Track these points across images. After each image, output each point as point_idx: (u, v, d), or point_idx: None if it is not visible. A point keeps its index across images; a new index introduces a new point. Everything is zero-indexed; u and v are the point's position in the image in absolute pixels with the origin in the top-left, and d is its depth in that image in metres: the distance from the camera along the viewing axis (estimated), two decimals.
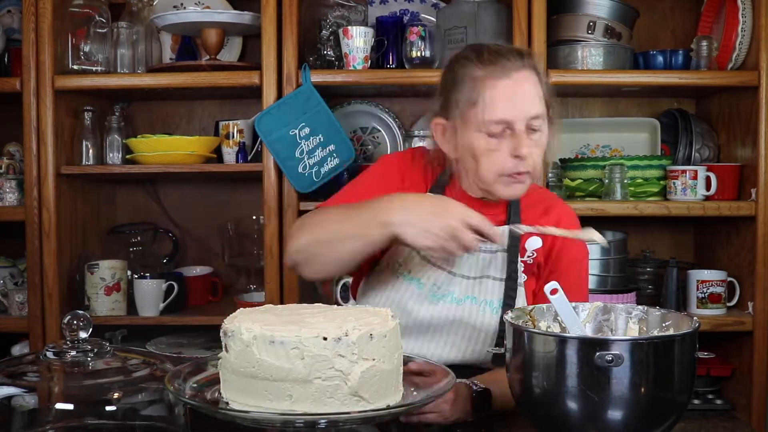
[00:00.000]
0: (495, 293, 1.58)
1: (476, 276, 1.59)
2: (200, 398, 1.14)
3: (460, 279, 1.58)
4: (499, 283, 1.59)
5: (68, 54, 2.42)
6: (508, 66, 1.50)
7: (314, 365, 1.05)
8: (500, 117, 1.48)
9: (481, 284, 1.59)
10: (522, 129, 1.49)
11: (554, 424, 1.17)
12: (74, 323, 1.22)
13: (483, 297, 1.58)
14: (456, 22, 2.39)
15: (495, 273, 1.59)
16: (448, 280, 1.59)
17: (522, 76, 1.51)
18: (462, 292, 1.58)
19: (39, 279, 2.38)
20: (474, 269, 1.59)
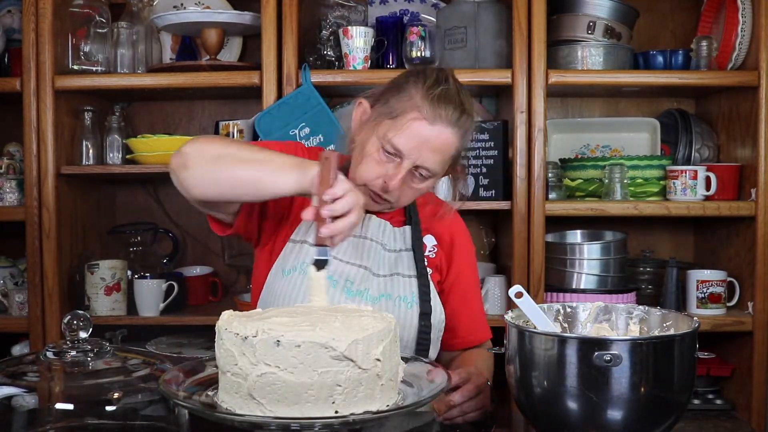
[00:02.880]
0: (407, 289, 1.61)
1: (387, 274, 1.62)
2: (194, 400, 1.14)
3: (374, 277, 1.60)
4: (409, 279, 1.62)
5: (68, 54, 2.42)
6: (441, 116, 1.50)
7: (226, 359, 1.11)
8: (398, 146, 1.50)
9: (393, 281, 1.61)
10: (407, 167, 1.52)
11: (554, 424, 1.17)
12: (74, 323, 1.22)
13: (397, 293, 1.61)
14: (456, 22, 2.39)
15: (404, 270, 1.63)
16: (361, 276, 1.60)
17: (445, 133, 1.51)
18: (377, 290, 1.60)
19: (39, 279, 2.38)
20: (384, 267, 1.62)
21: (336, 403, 1.06)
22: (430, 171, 1.54)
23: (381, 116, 1.54)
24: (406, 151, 1.50)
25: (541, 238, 2.33)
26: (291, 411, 1.06)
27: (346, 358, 1.05)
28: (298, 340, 1.06)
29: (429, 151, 1.51)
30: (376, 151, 1.53)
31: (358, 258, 1.61)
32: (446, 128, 1.51)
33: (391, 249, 1.64)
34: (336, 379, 1.06)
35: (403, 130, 1.50)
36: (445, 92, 1.52)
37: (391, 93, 1.56)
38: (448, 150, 1.53)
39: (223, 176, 1.39)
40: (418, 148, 1.50)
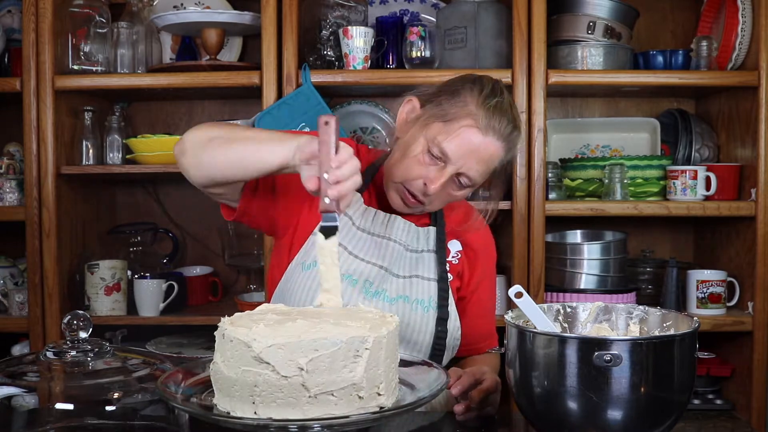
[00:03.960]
0: (425, 292, 1.60)
1: (407, 275, 1.60)
2: (192, 402, 1.14)
3: (393, 277, 1.60)
4: (428, 283, 1.61)
5: (68, 54, 2.42)
6: (495, 127, 1.50)
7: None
8: (446, 150, 1.50)
9: (412, 284, 1.60)
10: (451, 172, 1.52)
11: (554, 423, 1.17)
12: (74, 323, 1.22)
13: (414, 296, 1.59)
14: (456, 22, 2.39)
15: (424, 273, 1.62)
16: (380, 276, 1.59)
17: (494, 144, 1.51)
18: (395, 291, 1.58)
19: (39, 279, 2.38)
20: (404, 269, 1.61)
21: (255, 403, 1.06)
22: (471, 180, 1.54)
23: (432, 118, 1.53)
24: (454, 157, 1.50)
25: (541, 238, 2.33)
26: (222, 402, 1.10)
27: (262, 360, 1.04)
28: (233, 335, 1.07)
29: (475, 161, 1.51)
30: (421, 151, 1.52)
31: (378, 258, 1.59)
32: (497, 140, 1.51)
33: (413, 249, 1.62)
34: (255, 379, 1.05)
35: (455, 135, 1.50)
36: (500, 104, 1.52)
37: (444, 96, 1.55)
38: (493, 162, 1.54)
39: (214, 158, 1.41)
40: (466, 156, 1.50)
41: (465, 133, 1.49)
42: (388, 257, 1.60)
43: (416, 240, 1.63)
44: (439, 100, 1.55)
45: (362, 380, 1.07)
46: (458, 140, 1.49)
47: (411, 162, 1.53)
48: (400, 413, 1.12)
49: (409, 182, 1.54)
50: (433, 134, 1.51)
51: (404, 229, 1.62)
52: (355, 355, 1.06)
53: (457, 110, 1.51)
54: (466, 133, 1.49)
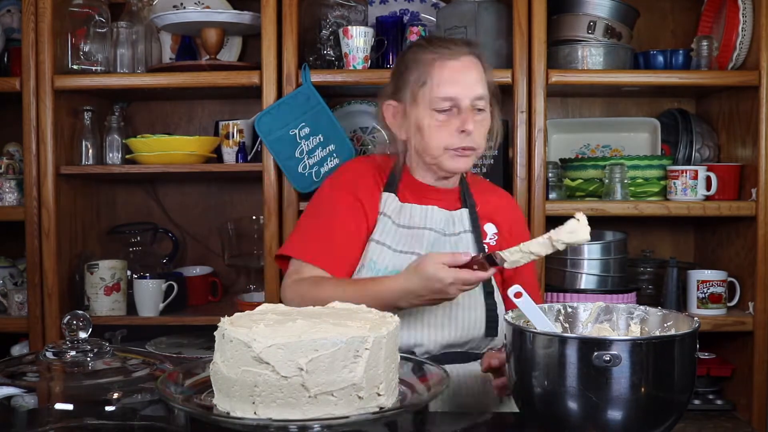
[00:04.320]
0: None
1: None
2: (192, 402, 1.13)
3: None
4: None
5: (68, 54, 2.42)
6: (455, 50, 1.63)
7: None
8: (447, 94, 1.61)
9: None
10: (467, 106, 1.62)
11: (554, 423, 1.17)
12: (74, 323, 1.22)
13: None
14: (456, 22, 2.38)
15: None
16: None
17: (468, 60, 1.64)
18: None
19: (39, 279, 2.38)
20: (444, 251, 1.65)
21: (255, 403, 1.06)
22: (482, 97, 1.63)
23: (413, 93, 1.64)
24: (456, 92, 1.61)
25: None
26: (222, 402, 1.10)
27: (262, 360, 1.05)
28: (233, 335, 1.07)
29: (469, 81, 1.62)
30: (430, 118, 1.62)
31: (417, 247, 1.65)
32: (466, 56, 1.63)
33: (450, 233, 1.69)
34: (255, 380, 1.05)
35: (440, 81, 1.61)
36: (440, 39, 1.67)
37: (402, 75, 1.67)
38: (480, 72, 1.64)
39: None
40: (462, 82, 1.61)
41: (444, 70, 1.62)
42: (425, 244, 1.66)
43: (452, 224, 1.70)
44: (404, 79, 1.66)
45: (362, 380, 1.07)
46: (444, 80, 1.61)
47: (433, 131, 1.63)
48: (400, 413, 1.12)
49: (449, 143, 1.62)
50: (428, 98, 1.62)
51: (440, 217, 1.69)
52: (355, 355, 1.06)
53: (422, 69, 1.63)
54: (444, 69, 1.62)
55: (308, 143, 2.32)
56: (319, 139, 2.33)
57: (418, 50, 1.66)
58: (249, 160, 2.49)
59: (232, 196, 2.78)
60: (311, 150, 2.33)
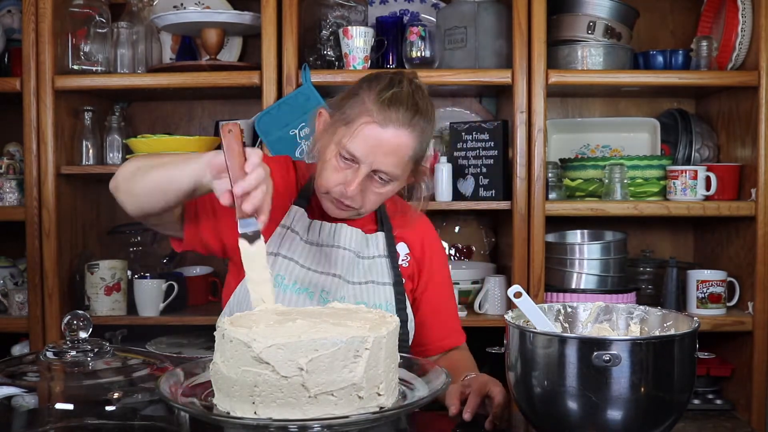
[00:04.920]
0: (382, 297, 1.62)
1: (362, 281, 1.62)
2: (192, 402, 1.14)
3: (348, 284, 1.60)
4: (384, 287, 1.63)
5: (68, 54, 2.42)
6: (393, 118, 1.50)
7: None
8: (352, 151, 1.51)
9: (369, 290, 1.62)
10: (364, 171, 1.52)
11: (554, 423, 1.17)
12: (74, 323, 1.22)
13: (372, 302, 1.60)
14: (456, 22, 2.39)
15: (378, 278, 1.63)
16: (335, 284, 1.60)
17: (399, 134, 1.50)
18: (352, 298, 1.59)
19: (39, 279, 2.38)
20: (358, 275, 1.62)
21: (255, 403, 1.06)
22: (388, 174, 1.53)
23: (337, 123, 1.55)
24: (361, 155, 1.51)
25: (541, 238, 2.32)
26: (222, 402, 1.10)
27: (262, 360, 1.04)
28: (233, 335, 1.07)
29: (383, 155, 1.51)
30: (334, 157, 1.53)
31: (331, 267, 1.60)
32: (398, 130, 1.50)
33: (364, 256, 1.63)
34: (255, 380, 1.05)
35: (356, 135, 1.50)
36: (396, 95, 1.51)
37: (346, 100, 1.57)
38: (404, 152, 1.52)
39: (139, 187, 1.44)
40: (372, 152, 1.50)
41: (365, 130, 1.50)
42: (339, 265, 1.61)
43: (366, 246, 1.64)
44: (342, 105, 1.57)
45: (362, 380, 1.07)
46: (360, 138, 1.50)
47: (328, 170, 1.54)
48: (400, 413, 1.12)
49: (332, 189, 1.55)
50: (339, 138, 1.52)
51: (352, 236, 1.63)
52: (355, 355, 1.06)
53: (356, 110, 1.52)
54: (366, 129, 1.50)
55: (308, 143, 2.32)
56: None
57: (371, 91, 1.53)
58: None
59: None
60: None
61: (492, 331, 2.20)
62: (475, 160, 2.41)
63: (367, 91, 1.53)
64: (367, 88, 1.54)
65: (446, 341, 1.73)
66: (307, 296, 1.57)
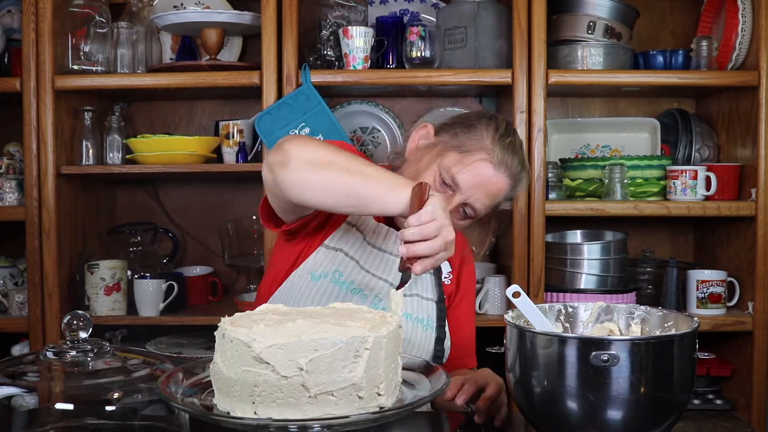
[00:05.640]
0: (424, 311, 1.62)
1: (409, 293, 1.62)
2: (192, 402, 1.14)
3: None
4: (427, 302, 1.63)
5: (68, 54, 2.42)
6: (507, 164, 1.55)
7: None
8: (458, 180, 1.54)
9: (414, 302, 1.62)
10: (459, 201, 1.55)
11: (553, 423, 1.17)
12: (74, 323, 1.21)
13: (416, 314, 1.61)
14: (456, 22, 2.39)
15: (423, 293, 1.64)
16: (387, 291, 1.59)
17: (504, 181, 1.56)
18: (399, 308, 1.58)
19: (39, 279, 2.38)
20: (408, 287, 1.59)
21: (255, 403, 1.06)
22: (475, 211, 1.57)
23: (448, 147, 1.57)
24: (465, 187, 1.54)
25: (541, 238, 2.33)
26: (222, 402, 1.10)
27: (262, 360, 1.04)
28: (233, 335, 1.07)
29: (484, 194, 1.55)
30: (431, 178, 1.56)
31: (386, 273, 1.60)
32: (507, 177, 1.56)
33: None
34: (255, 380, 1.05)
35: (469, 167, 1.54)
36: (512, 144, 1.58)
37: (460, 128, 1.59)
38: (499, 197, 1.58)
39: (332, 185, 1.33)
40: (477, 187, 1.54)
41: (479, 166, 1.54)
42: (394, 273, 1.61)
43: None
44: (455, 131, 1.59)
45: (362, 380, 1.07)
46: (472, 172, 1.54)
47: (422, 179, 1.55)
48: (400, 413, 1.12)
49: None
50: (448, 163, 1.55)
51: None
52: (355, 355, 1.06)
53: (473, 143, 1.55)
54: (480, 166, 1.54)
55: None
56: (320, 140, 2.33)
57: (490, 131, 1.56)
58: (249, 160, 2.49)
59: (232, 196, 2.78)
60: None
61: (492, 331, 2.19)
62: None
63: (487, 128, 1.57)
64: (486, 126, 1.58)
65: (460, 361, 1.73)
66: (360, 297, 1.57)
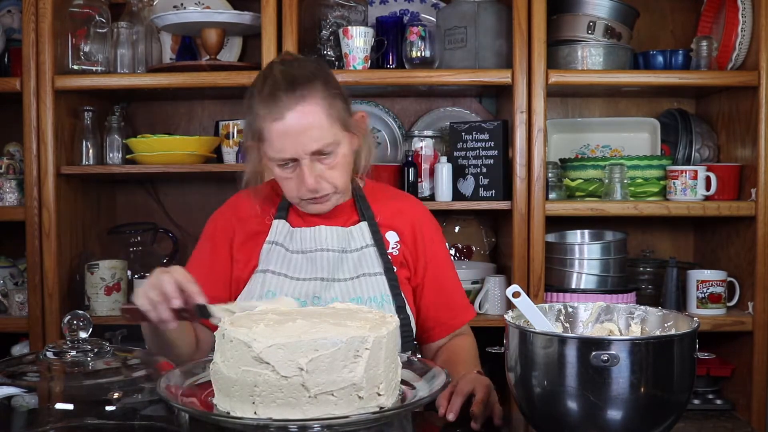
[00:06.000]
0: (375, 288, 1.62)
1: (353, 276, 1.62)
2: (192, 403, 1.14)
3: (338, 283, 1.61)
4: (375, 278, 1.62)
5: (68, 54, 2.42)
6: (282, 104, 1.51)
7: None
8: (282, 156, 1.53)
9: (361, 283, 1.62)
10: (307, 162, 1.54)
11: (553, 423, 1.17)
12: (74, 323, 1.22)
13: (366, 295, 1.61)
14: (456, 22, 2.39)
15: (370, 269, 1.63)
16: (324, 287, 1.60)
17: (298, 113, 1.51)
18: (345, 295, 1.60)
19: (39, 279, 2.38)
20: (348, 271, 1.62)
21: (255, 403, 1.06)
22: (324, 149, 1.54)
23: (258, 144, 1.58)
24: (290, 152, 1.52)
25: (541, 238, 2.32)
26: (222, 402, 1.10)
27: (262, 360, 1.05)
28: (233, 335, 1.07)
29: (304, 138, 1.52)
30: (279, 171, 1.57)
31: (315, 271, 1.62)
32: (294, 109, 1.51)
33: (351, 250, 1.64)
34: (255, 379, 1.05)
35: (271, 141, 1.53)
36: (273, 84, 1.53)
37: (248, 119, 1.60)
38: (318, 121, 1.52)
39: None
40: (294, 142, 1.52)
41: (273, 133, 1.52)
42: (326, 267, 1.62)
43: (350, 240, 1.65)
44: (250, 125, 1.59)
45: (362, 380, 1.07)
46: (276, 141, 1.52)
47: (283, 182, 1.59)
48: (400, 413, 1.12)
49: (299, 196, 1.58)
50: (267, 153, 1.56)
51: (331, 235, 1.64)
52: (355, 355, 1.07)
53: (256, 123, 1.55)
54: (273, 131, 1.52)
55: None
56: None
57: (253, 97, 1.55)
58: None
59: (232, 196, 2.77)
60: None
61: (492, 331, 2.19)
62: (475, 160, 2.41)
63: (252, 100, 1.56)
64: (251, 97, 1.56)
65: (455, 320, 1.72)
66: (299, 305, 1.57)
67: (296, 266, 1.62)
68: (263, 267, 1.63)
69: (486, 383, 1.45)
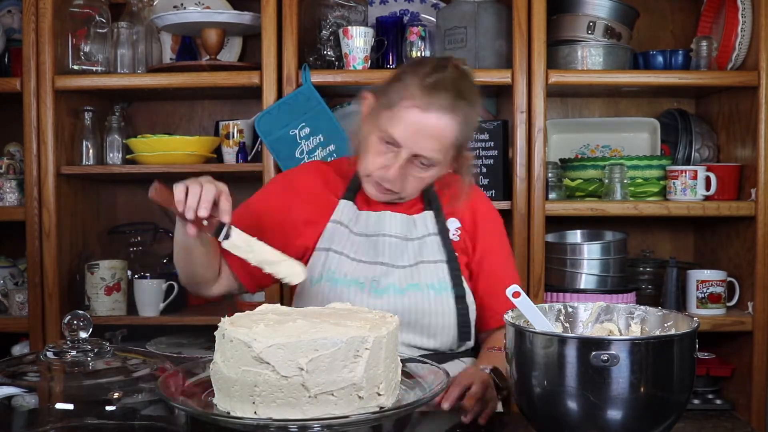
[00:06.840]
0: (434, 275, 1.62)
1: (412, 263, 1.63)
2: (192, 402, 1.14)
3: (397, 269, 1.62)
4: (435, 265, 1.63)
5: (68, 54, 2.42)
6: (435, 103, 1.51)
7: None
8: (393, 135, 1.53)
9: (419, 270, 1.62)
10: (405, 156, 1.54)
11: (553, 423, 1.17)
12: (74, 323, 1.22)
13: (424, 281, 1.61)
14: (456, 22, 2.39)
15: (430, 256, 1.64)
16: (385, 272, 1.61)
17: (441, 119, 1.52)
18: (403, 282, 1.61)
19: (39, 279, 2.38)
20: (407, 258, 1.63)
21: (255, 403, 1.06)
22: (429, 159, 1.55)
23: (380, 107, 1.57)
24: (402, 140, 1.53)
25: (541, 238, 2.33)
26: (222, 402, 1.10)
27: (263, 360, 1.05)
28: (233, 335, 1.07)
29: (425, 139, 1.53)
30: (376, 142, 1.56)
31: (377, 256, 1.63)
32: (442, 115, 1.52)
33: (413, 237, 1.65)
34: (255, 379, 1.05)
35: (398, 119, 1.52)
36: (440, 80, 1.53)
37: (391, 84, 1.59)
38: (446, 137, 1.54)
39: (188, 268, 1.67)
40: (414, 136, 1.52)
41: (406, 115, 1.52)
42: (387, 252, 1.63)
43: (413, 228, 1.66)
44: (386, 89, 1.58)
45: (362, 380, 1.07)
46: (402, 122, 1.52)
47: (370, 154, 1.58)
48: (400, 413, 1.12)
49: (373, 173, 1.58)
50: (382, 123, 1.54)
51: (395, 222, 1.65)
52: (355, 355, 1.07)
53: (399, 94, 1.54)
54: (407, 114, 1.52)
55: (308, 143, 2.32)
56: (320, 140, 2.33)
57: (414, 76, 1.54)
58: (249, 160, 2.49)
59: (232, 196, 2.77)
60: (311, 150, 2.33)
61: None
62: (475, 160, 2.41)
63: (411, 75, 1.55)
64: (412, 73, 1.55)
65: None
66: (357, 288, 1.59)
67: (359, 248, 1.64)
68: (326, 245, 1.64)
69: (485, 378, 1.45)
